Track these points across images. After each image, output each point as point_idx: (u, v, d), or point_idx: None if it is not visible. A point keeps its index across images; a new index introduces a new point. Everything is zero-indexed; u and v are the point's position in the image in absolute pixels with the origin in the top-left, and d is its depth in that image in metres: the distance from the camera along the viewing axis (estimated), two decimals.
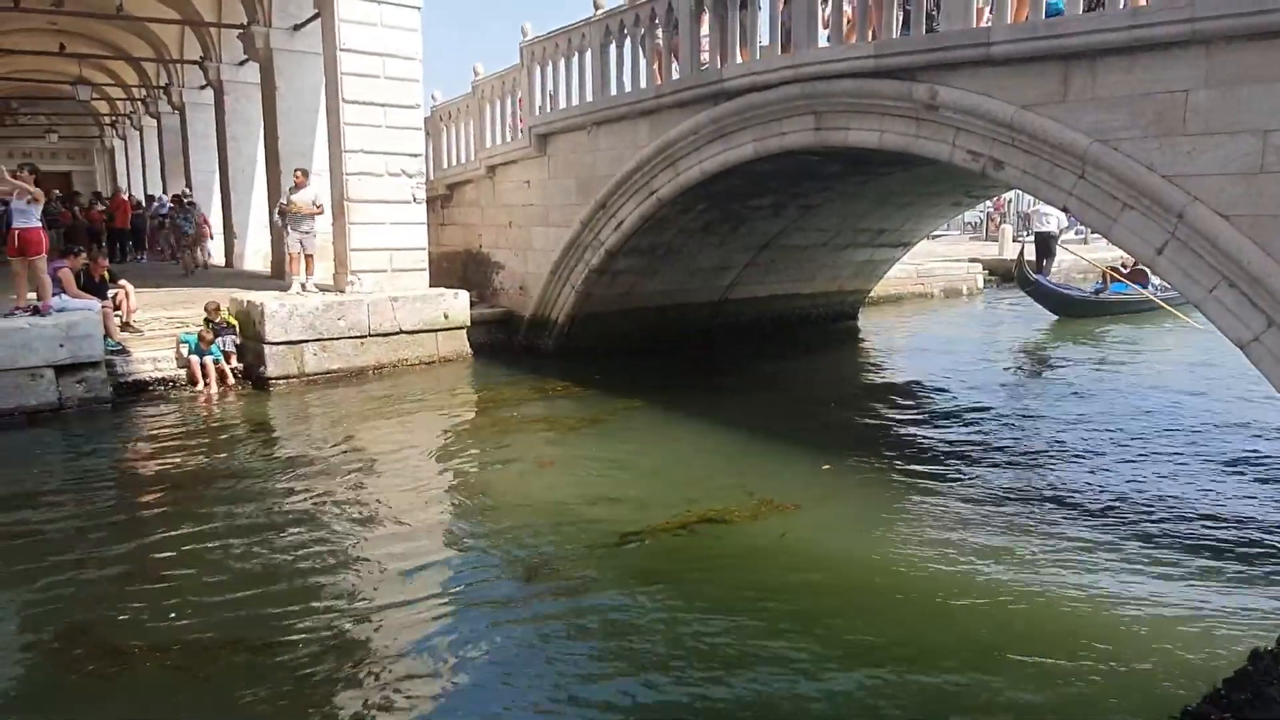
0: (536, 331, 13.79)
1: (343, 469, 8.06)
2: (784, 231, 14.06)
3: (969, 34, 7.84)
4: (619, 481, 7.60)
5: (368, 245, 12.59)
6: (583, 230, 12.63)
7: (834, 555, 6.04)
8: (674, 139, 11.10)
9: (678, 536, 6.24)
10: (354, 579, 5.75)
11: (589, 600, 5.38)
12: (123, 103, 28.69)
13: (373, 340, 11.95)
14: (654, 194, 11.61)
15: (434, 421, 9.85)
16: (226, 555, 6.05)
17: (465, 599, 5.47)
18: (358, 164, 12.39)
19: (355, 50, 12.16)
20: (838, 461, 8.00)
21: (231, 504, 7.04)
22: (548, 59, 13.13)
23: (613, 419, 9.70)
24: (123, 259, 20.45)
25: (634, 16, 11.57)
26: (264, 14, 14.98)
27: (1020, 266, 18.32)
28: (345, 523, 6.74)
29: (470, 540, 6.46)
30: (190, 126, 21.78)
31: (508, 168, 14.19)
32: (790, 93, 9.61)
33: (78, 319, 9.88)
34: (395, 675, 4.59)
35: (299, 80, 15.04)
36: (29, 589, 5.57)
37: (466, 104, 15.01)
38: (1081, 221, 8.87)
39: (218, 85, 18.27)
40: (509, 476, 7.85)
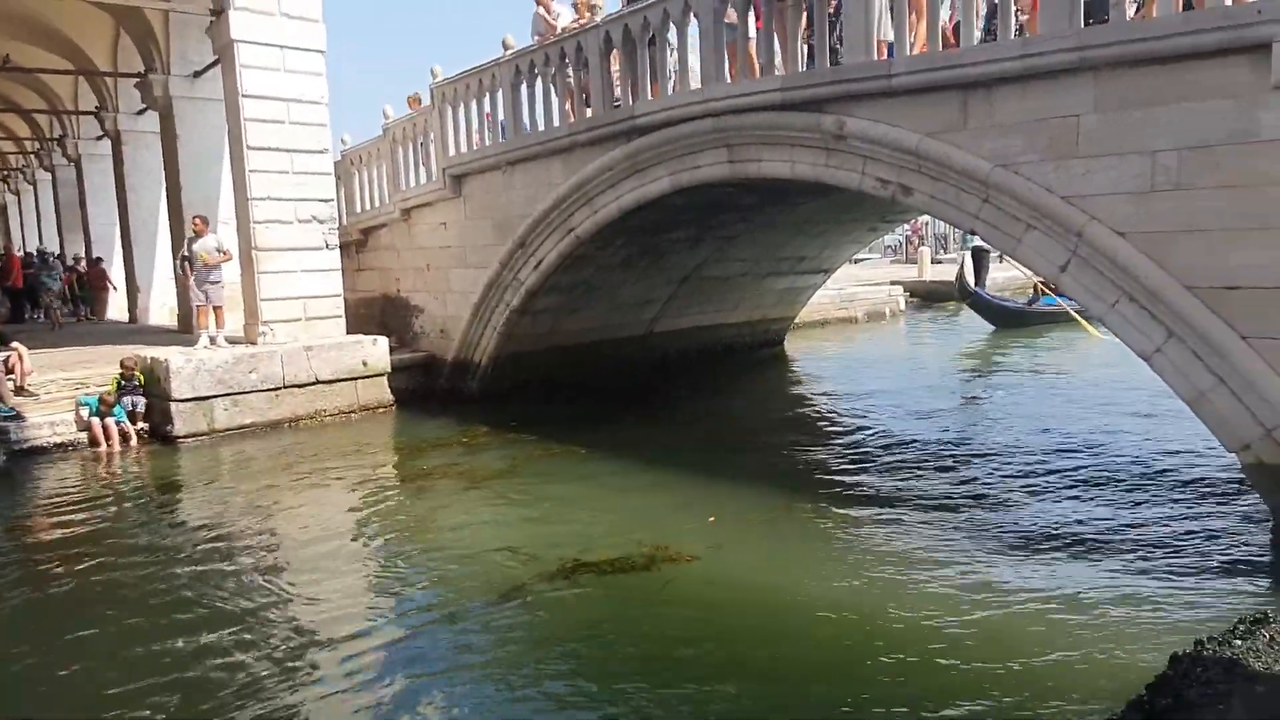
0: (459, 375, 13.65)
1: (250, 529, 7.77)
2: (705, 263, 14.25)
3: (871, 66, 8.11)
4: (534, 529, 7.45)
5: (279, 294, 12.34)
6: (502, 270, 12.60)
7: (750, 594, 5.98)
8: (589, 176, 11.18)
9: (586, 583, 6.11)
10: (257, 642, 5.52)
11: (496, 649, 5.30)
12: (14, 156, 27.73)
13: (288, 392, 11.67)
14: (572, 231, 11.66)
15: (350, 474, 9.57)
16: (122, 630, 5.75)
17: (370, 656, 5.30)
18: (265, 211, 12.17)
19: (258, 96, 11.98)
20: (759, 498, 7.94)
21: (129, 573, 6.71)
22: (459, 100, 13.14)
23: (534, 464, 9.59)
24: (18, 320, 19.61)
25: (544, 56, 11.68)
26: (162, 62, 14.69)
27: (960, 280, 19.53)
28: (251, 585, 6.45)
29: (375, 596, 6.31)
30: (87, 179, 21.15)
31: (423, 210, 14.10)
32: (703, 127, 9.78)
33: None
34: None
35: (201, 128, 14.74)
36: None
37: (378, 147, 14.90)
38: (988, 242, 9.18)
39: (115, 135, 17.81)
40: (424, 529, 7.59)
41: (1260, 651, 4.53)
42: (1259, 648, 4.57)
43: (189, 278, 12.22)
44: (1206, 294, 6.22)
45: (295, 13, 12.11)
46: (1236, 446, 6.37)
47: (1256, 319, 6.04)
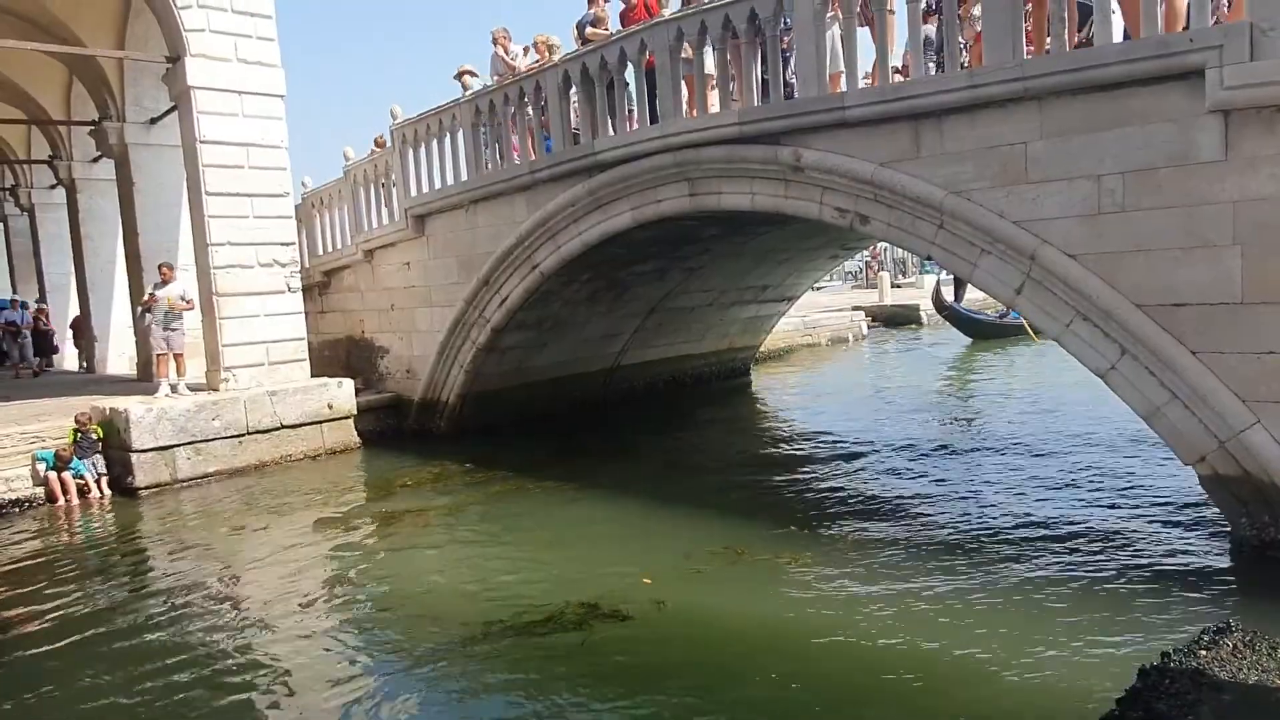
0: (427, 414, 13.60)
1: (211, 581, 7.63)
2: (670, 295, 14.38)
3: (825, 99, 8.32)
4: (502, 571, 7.34)
5: (241, 339, 12.25)
6: (467, 308, 12.62)
7: (702, 639, 5.90)
8: (552, 212, 11.29)
9: (558, 628, 6.00)
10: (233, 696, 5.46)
11: (471, 696, 5.24)
12: None
13: (252, 438, 11.56)
14: (536, 268, 11.73)
15: (319, 518, 9.45)
16: (80, 693, 5.66)
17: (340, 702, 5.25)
18: (225, 257, 12.11)
19: (216, 141, 11.97)
20: (720, 535, 7.84)
21: (86, 633, 6.58)
22: (420, 140, 13.22)
23: (499, 503, 9.56)
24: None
25: (503, 96, 11.81)
26: (117, 109, 14.61)
27: (937, 296, 21.68)
28: (223, 636, 6.38)
29: (345, 642, 6.20)
30: (41, 228, 20.87)
31: (386, 250, 14.10)
32: (663, 161, 9.94)
33: None
34: None
35: (158, 175, 14.64)
36: None
37: (339, 189, 14.91)
38: (944, 268, 9.39)
39: (69, 184, 17.65)
40: (384, 575, 7.49)
41: (1225, 660, 4.66)
42: (1224, 657, 4.70)
43: (150, 325, 12.10)
44: (1156, 311, 6.43)
45: (253, 58, 12.15)
46: (1192, 459, 6.55)
47: (1204, 334, 6.25)
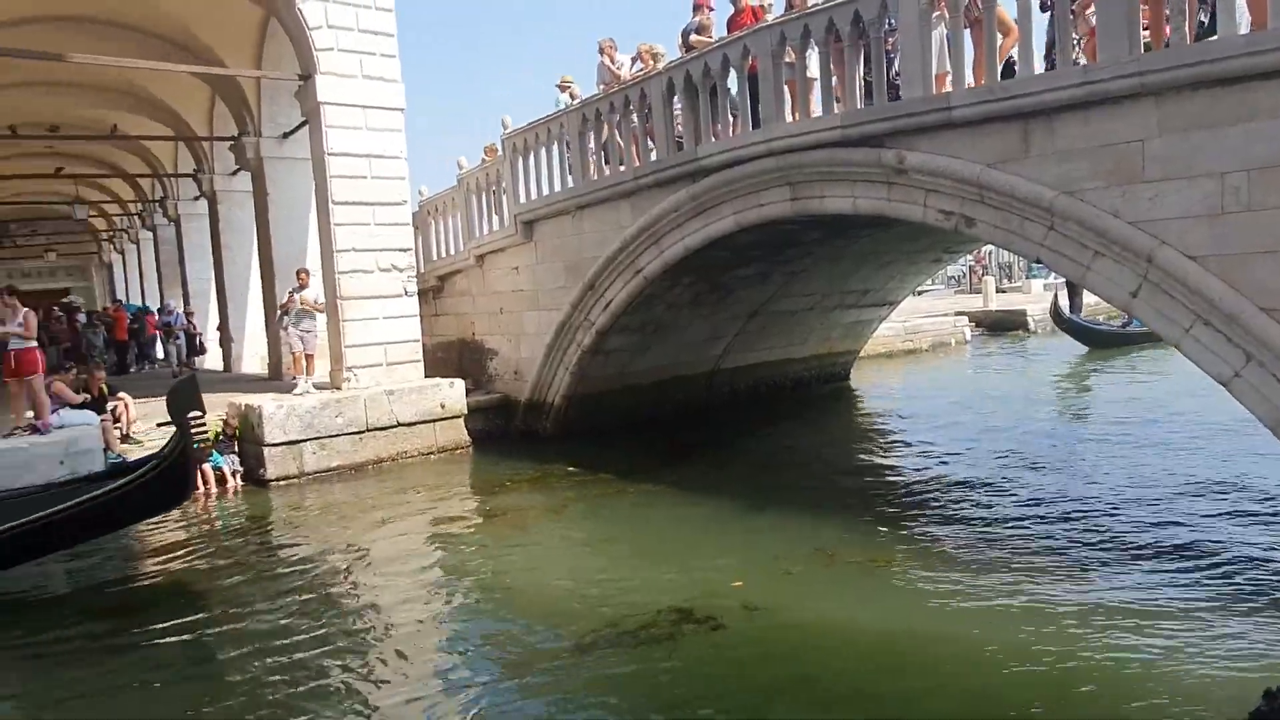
0: (533, 415, 13.81)
1: (341, 567, 7.99)
2: (771, 298, 14.23)
3: (930, 100, 8.09)
4: (599, 573, 7.36)
5: (362, 341, 12.69)
6: (573, 312, 12.77)
7: (813, 638, 5.81)
8: (656, 217, 11.32)
9: (650, 636, 5.91)
10: (349, 678, 5.68)
11: (561, 703, 5.21)
12: (120, 218, 29.21)
13: (371, 435, 11.95)
14: (640, 272, 11.78)
15: (432, 514, 9.76)
16: (227, 668, 5.98)
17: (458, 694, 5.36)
18: (349, 262, 12.58)
19: (342, 154, 12.44)
20: (818, 535, 7.76)
21: (220, 610, 6.98)
22: (529, 148, 13.46)
23: (603, 505, 9.62)
24: (124, 371, 20.54)
25: (609, 104, 11.91)
26: (254, 125, 15.39)
27: (1054, 307, 20.82)
28: (342, 622, 6.65)
29: (446, 637, 6.37)
30: (186, 237, 22.16)
31: (496, 255, 14.41)
32: (765, 166, 9.85)
33: (78, 434, 9.90)
34: None
35: (289, 186, 15.36)
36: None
37: (453, 197, 15.32)
38: (1054, 271, 8.99)
39: (211, 195, 18.66)
40: (496, 573, 7.61)
41: None
42: None
43: (286, 327, 12.66)
44: None
45: (376, 74, 12.60)
46: None
47: None
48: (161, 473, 7.51)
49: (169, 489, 7.66)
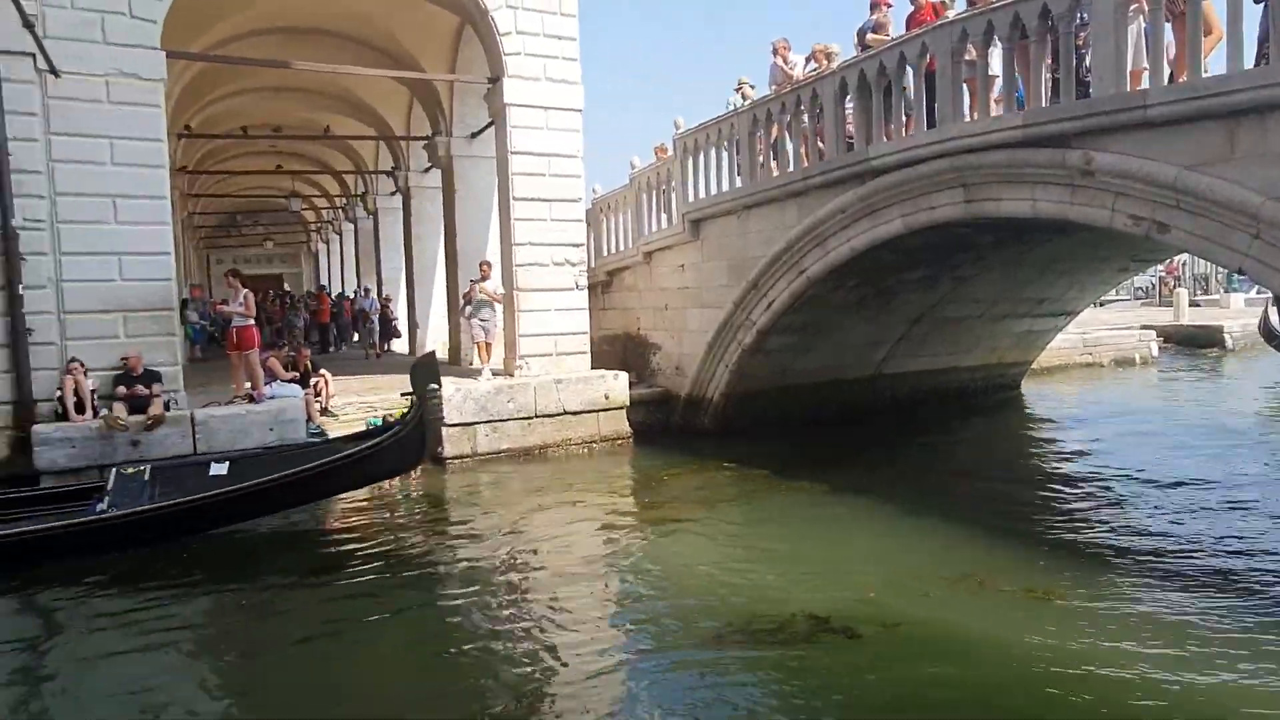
0: (693, 410, 13.85)
1: (506, 543, 8.33)
2: (938, 304, 13.65)
3: (1123, 98, 7.51)
4: (744, 571, 7.23)
5: (535, 331, 13.11)
6: (735, 310, 12.70)
7: (957, 664, 5.41)
8: (822, 218, 11.08)
9: (786, 639, 5.76)
10: (500, 643, 5.89)
11: (694, 697, 5.14)
12: (326, 210, 31.53)
13: (539, 421, 12.32)
14: (803, 273, 11.57)
15: (593, 499, 9.98)
16: (410, 631, 6.34)
17: (574, 687, 5.40)
18: (526, 255, 13.02)
19: (524, 152, 12.90)
20: (972, 556, 7.27)
21: (396, 575, 7.40)
22: (699, 148, 13.49)
23: (757, 503, 9.51)
24: (325, 350, 22.15)
25: (780, 105, 11.76)
26: (446, 125, 16.21)
27: (1265, 323, 19.49)
28: (502, 592, 6.96)
29: (593, 622, 6.41)
30: (382, 229, 23.63)
31: (663, 253, 14.54)
32: (938, 167, 9.45)
33: (285, 405, 10.73)
34: None
35: (475, 182, 16.08)
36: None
37: (624, 195, 15.57)
38: (1258, 283, 8.13)
39: (406, 191, 19.80)
40: (653, 561, 7.65)
41: None
42: None
43: (469, 316, 13.23)
44: None
45: (558, 77, 12.98)
46: None
47: None
48: (404, 437, 8.45)
49: (409, 452, 8.64)
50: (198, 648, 6.10)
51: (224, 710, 5.30)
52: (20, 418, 9.45)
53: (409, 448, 8.60)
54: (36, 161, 9.54)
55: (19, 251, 9.39)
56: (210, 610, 6.87)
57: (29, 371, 9.48)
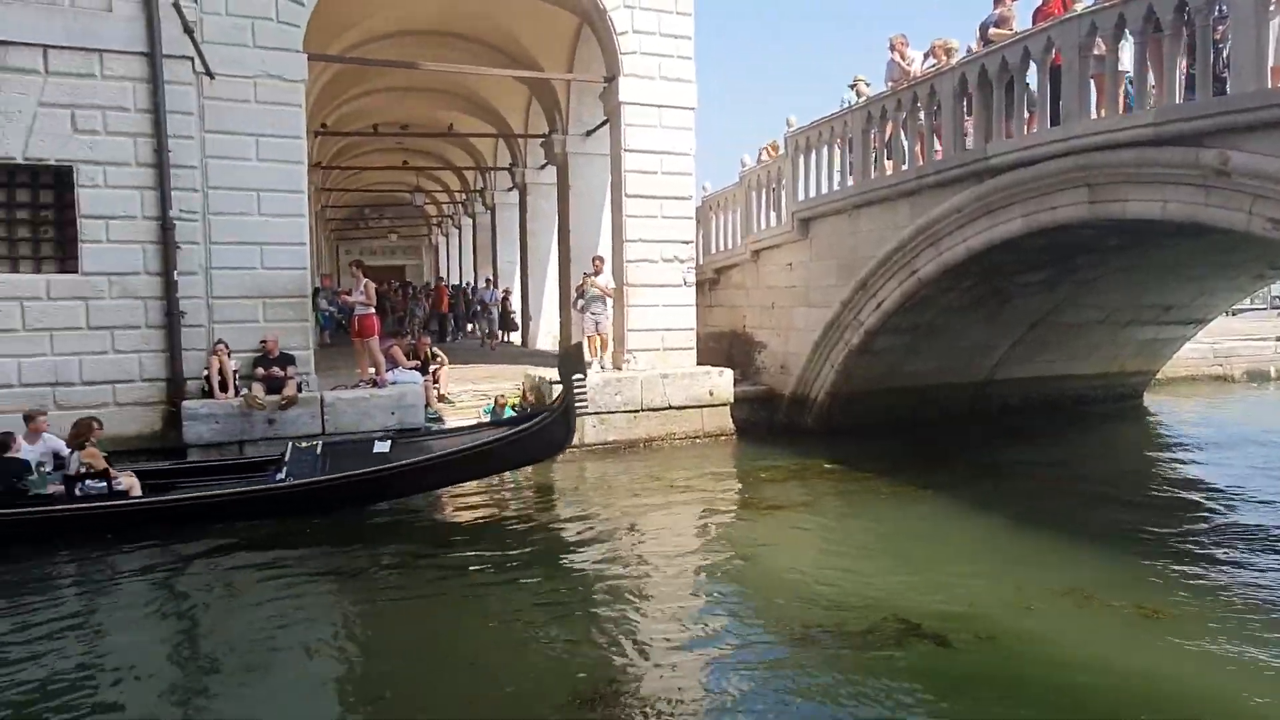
0: (797, 409, 13.72)
1: (609, 531, 8.49)
2: (1056, 309, 13.10)
3: (1265, 95, 7.05)
4: (838, 570, 7.11)
5: (642, 326, 13.25)
6: (843, 310, 12.52)
7: (1057, 683, 5.09)
8: (936, 218, 10.81)
9: (875, 641, 5.62)
10: (611, 630, 5.98)
11: (778, 692, 5.09)
12: (447, 205, 32.59)
13: (644, 415, 12.43)
14: (915, 273, 11.30)
15: (694, 493, 10.03)
16: (509, 606, 6.56)
17: (713, 660, 5.49)
18: (636, 252, 13.17)
19: (637, 150, 13.04)
20: (1077, 569, 6.90)
21: (510, 555, 7.64)
22: (811, 147, 13.34)
23: (861, 504, 9.35)
24: (443, 339, 22.91)
25: (895, 101, 11.51)
26: (562, 123, 16.54)
27: None
28: (609, 580, 7.09)
29: (687, 612, 6.42)
30: (499, 224, 24.29)
31: (771, 251, 14.45)
32: (1061, 165, 9.09)
33: (405, 391, 11.19)
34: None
35: (588, 179, 16.37)
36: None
37: (734, 193, 15.54)
38: None
39: (522, 187, 20.30)
40: (752, 558, 7.62)
41: None
42: None
43: (581, 310, 13.44)
44: None
45: (672, 75, 13.07)
46: None
47: None
48: (550, 423, 8.86)
49: (556, 437, 9.04)
50: (337, 598, 6.73)
51: (343, 650, 5.74)
52: (172, 394, 10.17)
53: (557, 433, 8.96)
54: (192, 157, 10.24)
55: (175, 241, 10.11)
56: (350, 571, 7.31)
57: (180, 351, 10.20)
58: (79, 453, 8.14)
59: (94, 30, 9.73)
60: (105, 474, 8.05)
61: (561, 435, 9.04)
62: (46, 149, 9.65)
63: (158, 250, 10.08)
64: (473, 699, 5.06)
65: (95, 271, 9.91)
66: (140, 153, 9.97)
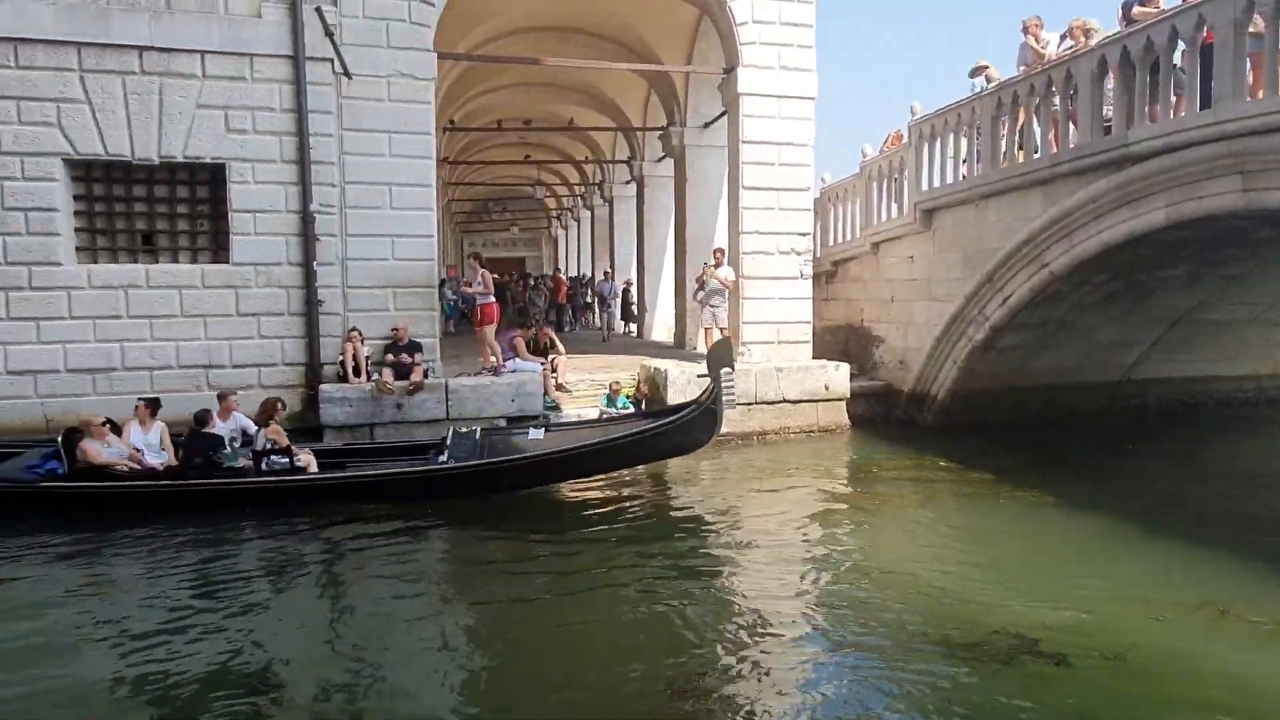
0: (915, 406, 13.33)
1: (720, 521, 8.49)
2: (1201, 305, 12.25)
3: None
4: (949, 575, 6.78)
5: (757, 319, 13.12)
6: (966, 304, 12.06)
7: (1214, 705, 4.71)
8: (1070, 209, 10.27)
9: (983, 655, 5.27)
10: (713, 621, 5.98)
11: (878, 701, 4.88)
12: (566, 198, 33.15)
13: (758, 408, 12.32)
14: (1046, 266, 10.78)
15: (806, 488, 9.88)
16: (620, 591, 6.65)
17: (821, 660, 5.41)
18: (752, 244, 13.05)
19: (755, 141, 12.90)
20: (1214, 584, 6.39)
21: (623, 547, 7.72)
22: (935, 135, 12.89)
23: (981, 508, 8.97)
24: (560, 330, 23.35)
25: (1029, 86, 10.99)
26: (680, 115, 16.55)
27: None
28: (717, 570, 7.13)
29: (791, 605, 6.34)
30: (616, 216, 24.54)
31: (892, 243, 14.06)
32: (1212, 151, 8.49)
33: (525, 379, 11.46)
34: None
35: (705, 171, 16.33)
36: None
37: (854, 184, 15.19)
38: None
39: (639, 179, 20.42)
40: (862, 556, 7.46)
41: None
42: None
43: (700, 302, 13.41)
44: None
45: (792, 65, 12.86)
46: None
47: None
48: (698, 416, 8.98)
49: (702, 430, 9.17)
50: (460, 573, 7.26)
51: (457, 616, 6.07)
52: (310, 378, 10.76)
53: (704, 426, 9.08)
54: (330, 154, 10.78)
55: (315, 233, 10.67)
56: (478, 553, 7.71)
57: (318, 338, 10.77)
58: (265, 430, 8.87)
59: (245, 36, 10.37)
60: (288, 450, 8.74)
61: (708, 428, 9.12)
62: (203, 148, 10.37)
63: (299, 242, 10.68)
64: (569, 682, 5.13)
65: (244, 262, 10.58)
66: (285, 150, 10.58)
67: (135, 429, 8.84)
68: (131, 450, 8.62)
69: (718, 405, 8.93)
